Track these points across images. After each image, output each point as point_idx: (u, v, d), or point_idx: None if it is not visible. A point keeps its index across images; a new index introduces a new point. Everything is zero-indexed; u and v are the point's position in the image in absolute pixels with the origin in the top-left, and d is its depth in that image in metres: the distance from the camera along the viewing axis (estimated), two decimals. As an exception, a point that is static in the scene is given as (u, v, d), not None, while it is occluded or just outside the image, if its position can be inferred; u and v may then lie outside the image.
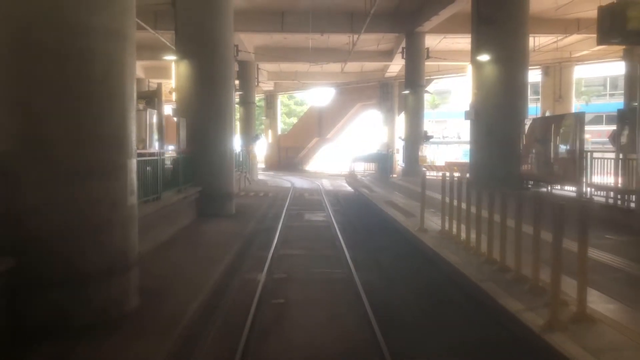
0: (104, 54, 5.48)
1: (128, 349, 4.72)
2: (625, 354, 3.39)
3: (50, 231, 5.09)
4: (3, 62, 5.11)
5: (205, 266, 7.75)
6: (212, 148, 13.35)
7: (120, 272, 5.64)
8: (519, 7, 14.45)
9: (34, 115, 5.13)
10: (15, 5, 5.10)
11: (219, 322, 5.81)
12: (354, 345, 5.00)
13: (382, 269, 8.04)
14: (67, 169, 5.19)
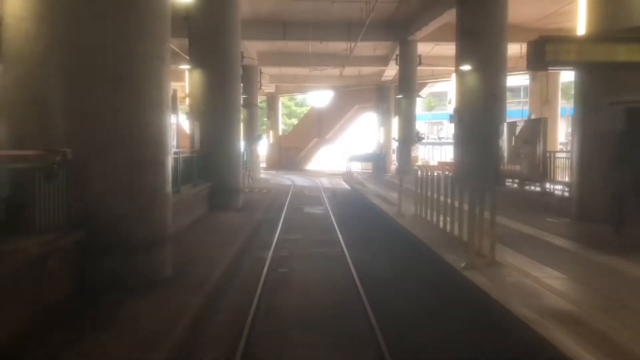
0: (148, 73, 7.04)
1: (168, 301, 6.25)
2: (509, 279, 5.19)
3: (110, 211, 6.64)
4: (74, 82, 6.66)
5: (222, 247, 9.32)
6: (221, 148, 14.93)
7: (159, 245, 7.19)
8: (498, 22, 16.01)
9: (96, 122, 6.67)
10: (83, 37, 6.64)
11: (237, 284, 7.40)
12: (342, 297, 6.61)
13: (367, 246, 9.74)
14: (122, 164, 6.74)
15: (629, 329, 3.69)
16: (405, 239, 8.61)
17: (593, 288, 4.77)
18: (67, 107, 6.54)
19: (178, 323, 5.39)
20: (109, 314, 5.65)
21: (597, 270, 5.71)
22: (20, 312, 5.09)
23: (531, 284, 4.84)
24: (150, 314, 5.68)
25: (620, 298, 4.62)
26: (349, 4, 20.43)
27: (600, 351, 3.16)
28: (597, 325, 3.71)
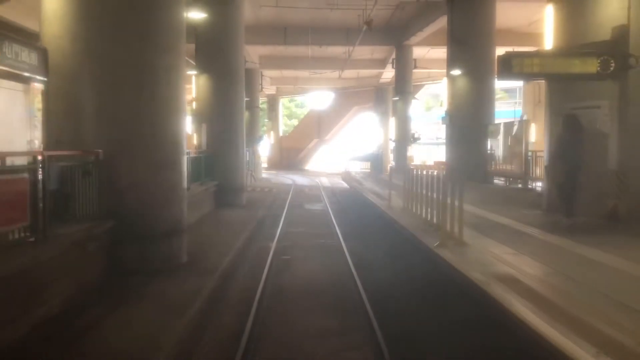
0: (166, 83, 8.04)
1: (186, 282, 7.23)
2: (470, 255, 6.27)
3: (136, 203, 7.63)
4: (103, 92, 7.66)
5: (230, 238, 10.32)
6: (226, 148, 15.94)
7: (177, 234, 8.20)
8: (486, 29, 17.03)
9: (122, 126, 7.67)
10: (111, 53, 7.64)
11: (246, 268, 8.42)
12: (338, 278, 7.64)
13: (361, 235, 10.84)
14: (145, 163, 7.74)
15: (549, 284, 4.85)
16: (393, 227, 9.71)
17: (534, 259, 5.93)
18: (97, 114, 7.53)
19: (197, 297, 6.40)
20: (138, 290, 6.63)
21: (543, 247, 6.95)
22: (68, 285, 6.10)
23: (487, 258, 5.92)
24: (173, 291, 6.68)
25: (553, 265, 5.87)
26: (347, 11, 21.44)
27: (524, 298, 4.21)
28: (528, 282, 4.80)
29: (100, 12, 7.38)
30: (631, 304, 4.22)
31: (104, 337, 5.05)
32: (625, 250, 5.95)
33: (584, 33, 8.03)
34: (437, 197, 7.50)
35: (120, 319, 5.59)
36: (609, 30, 7.47)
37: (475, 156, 16.51)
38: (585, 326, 3.71)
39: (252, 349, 4.99)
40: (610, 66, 7.25)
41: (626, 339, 3.44)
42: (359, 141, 48.01)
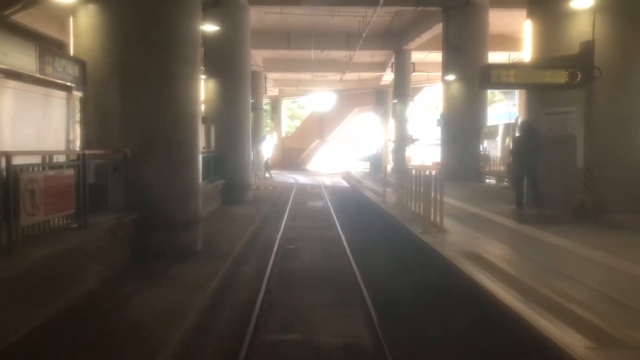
0: (184, 90, 9.03)
1: (203, 266, 8.18)
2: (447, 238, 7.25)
3: (158, 197, 8.61)
4: (129, 99, 8.64)
5: (239, 231, 11.31)
6: (233, 148, 16.94)
7: (193, 225, 9.18)
8: (479, 37, 17.99)
9: (147, 129, 8.65)
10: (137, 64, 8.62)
11: (254, 255, 9.41)
12: (337, 264, 8.64)
13: (358, 227, 11.92)
14: (167, 160, 8.72)
15: (505, 260, 6.05)
16: (386, 219, 10.75)
17: (500, 242, 7.09)
18: (124, 117, 8.53)
19: (214, 277, 7.39)
20: (161, 272, 7.61)
21: (510, 234, 8.02)
22: (102, 266, 7.10)
23: (460, 241, 7.00)
24: (192, 273, 7.66)
25: (513, 247, 7.00)
26: (347, 17, 22.43)
27: (485, 270, 5.25)
28: (488, 258, 5.84)
29: (127, 27, 8.37)
30: (568, 273, 5.25)
31: (137, 308, 6.02)
32: (580, 236, 6.94)
33: (557, 47, 8.99)
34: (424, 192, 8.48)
35: (148, 294, 6.57)
36: (578, 45, 8.44)
37: (468, 157, 17.48)
38: (525, 287, 4.77)
39: (264, 314, 5.99)
40: (577, 77, 8.22)
41: (552, 295, 4.46)
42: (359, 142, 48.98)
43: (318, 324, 5.71)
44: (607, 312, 4.05)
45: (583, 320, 3.85)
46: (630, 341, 3.39)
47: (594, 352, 3.15)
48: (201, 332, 5.49)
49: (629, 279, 5.14)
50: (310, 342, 5.22)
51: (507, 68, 8.77)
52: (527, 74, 8.72)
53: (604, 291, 4.66)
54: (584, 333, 3.54)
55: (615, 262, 5.63)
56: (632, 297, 4.43)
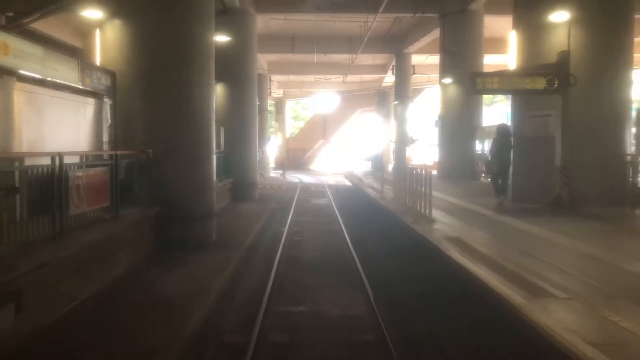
0: (200, 96, 9.98)
1: (219, 254, 9.11)
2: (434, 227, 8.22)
3: (178, 192, 9.55)
4: (150, 104, 9.56)
5: (248, 225, 12.26)
6: (241, 149, 17.90)
7: (209, 218, 10.13)
8: (474, 41, 18.91)
9: (166, 131, 9.59)
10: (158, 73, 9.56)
11: (264, 246, 10.37)
12: (338, 253, 9.58)
13: (358, 222, 12.88)
14: (184, 160, 9.66)
15: (481, 243, 7.03)
16: (383, 212, 11.79)
17: (479, 229, 8.09)
18: (146, 122, 9.47)
19: (230, 263, 8.34)
20: (182, 259, 8.54)
21: (490, 223, 9.00)
22: (130, 254, 8.05)
23: (445, 228, 8.01)
24: (210, 259, 8.61)
25: (490, 233, 8.00)
26: (349, 23, 23.37)
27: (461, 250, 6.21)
28: (467, 241, 6.81)
29: (149, 40, 9.33)
30: (529, 251, 6.27)
31: (165, 287, 6.97)
32: (551, 225, 7.89)
33: (538, 55, 9.90)
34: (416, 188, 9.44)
35: (174, 276, 7.52)
36: (556, 54, 9.33)
37: (463, 156, 18.39)
38: (491, 261, 5.77)
39: (275, 291, 6.95)
40: (555, 84, 9.11)
41: (510, 265, 5.47)
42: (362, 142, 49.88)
43: (322, 299, 6.66)
44: (548, 276, 5.15)
45: (527, 281, 5.00)
46: (557, 294, 4.39)
47: (528, 300, 4.15)
48: (223, 305, 6.45)
49: (575, 255, 6.17)
50: (315, 312, 6.17)
51: (491, 76, 9.72)
52: (509, 81, 9.65)
53: (552, 263, 5.78)
54: (525, 289, 4.68)
55: (571, 244, 6.63)
56: (572, 266, 5.54)
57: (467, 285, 5.30)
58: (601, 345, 3.42)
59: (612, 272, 5.36)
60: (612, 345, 3.44)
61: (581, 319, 4.00)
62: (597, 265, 5.69)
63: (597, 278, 5.06)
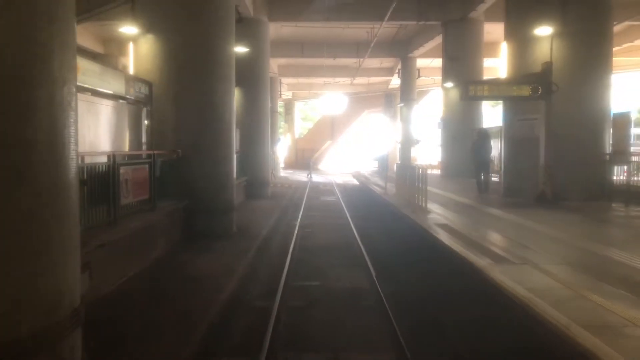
0: (222, 102, 11.18)
1: (239, 243, 10.30)
2: (429, 216, 9.46)
3: (203, 188, 10.74)
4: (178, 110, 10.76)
5: (264, 219, 13.46)
6: (255, 149, 19.12)
7: (229, 211, 11.34)
8: (474, 47, 20.00)
9: (193, 133, 10.80)
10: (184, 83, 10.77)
11: (280, 236, 11.57)
12: (346, 242, 10.77)
13: (363, 215, 14.11)
14: (210, 159, 10.86)
15: (466, 227, 8.24)
16: (385, 205, 13.02)
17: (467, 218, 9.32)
18: (175, 125, 10.68)
19: (250, 250, 9.53)
20: (208, 246, 9.72)
21: (478, 213, 10.22)
22: (165, 241, 9.27)
23: (437, 217, 9.22)
24: (232, 247, 9.80)
25: (476, 220, 9.24)
26: (357, 30, 24.53)
27: (447, 233, 7.37)
28: (454, 227, 8.02)
29: (179, 53, 10.54)
30: (505, 234, 7.47)
31: (197, 267, 8.17)
32: (531, 215, 9.04)
33: (525, 65, 11.02)
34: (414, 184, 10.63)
35: (203, 259, 8.72)
36: (540, 65, 10.44)
37: (464, 156, 19.46)
38: (471, 240, 6.98)
39: (292, 270, 8.15)
40: (539, 91, 10.22)
41: (485, 243, 6.66)
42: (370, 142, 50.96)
43: (331, 276, 7.87)
44: (514, 251, 6.42)
45: (493, 252, 6.26)
46: (515, 261, 5.56)
47: (490, 265, 5.30)
48: (248, 281, 7.65)
49: (541, 237, 7.39)
50: (326, 286, 7.36)
51: (482, 84, 10.85)
52: (498, 88, 10.79)
53: (520, 242, 7.02)
54: (490, 258, 5.93)
55: (541, 229, 7.84)
56: (535, 244, 6.76)
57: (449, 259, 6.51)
58: (537, 291, 4.62)
59: (565, 248, 6.53)
60: (543, 291, 4.64)
61: (526, 276, 5.23)
62: (556, 243, 6.87)
63: (551, 252, 6.27)
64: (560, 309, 3.96)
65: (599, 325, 3.67)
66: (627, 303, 4.25)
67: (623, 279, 5.02)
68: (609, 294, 4.51)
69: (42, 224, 3.54)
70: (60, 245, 3.71)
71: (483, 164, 11.98)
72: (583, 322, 3.72)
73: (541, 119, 10.73)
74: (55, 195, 3.63)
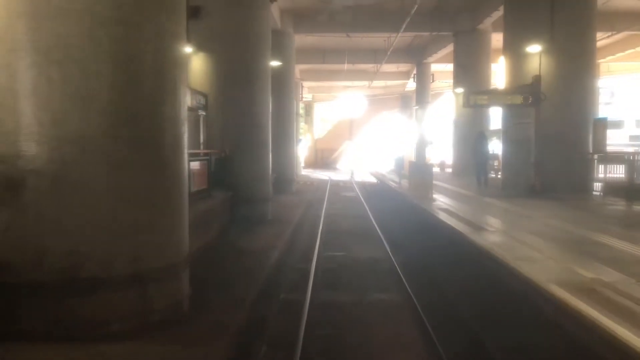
0: (260, 109, 13.23)
1: (276, 227, 12.33)
2: (434, 204, 11.42)
3: (244, 181, 12.80)
4: (225, 116, 12.86)
5: (293, 209, 15.53)
6: (281, 149, 21.18)
7: (266, 201, 13.42)
8: (483, 55, 21.80)
9: (237, 135, 12.87)
10: (232, 93, 12.86)
11: (308, 223, 13.63)
12: (364, 225, 12.78)
13: (380, 206, 16.14)
14: (252, 156, 12.94)
15: (463, 211, 10.05)
16: (399, 196, 14.96)
17: (466, 205, 11.18)
18: (223, 129, 12.80)
19: (285, 232, 11.59)
20: (250, 229, 11.78)
21: (477, 202, 12.09)
22: (217, 224, 11.36)
23: (441, 204, 11.14)
24: (270, 230, 11.86)
25: (474, 207, 11.08)
26: (375, 38, 26.47)
27: (447, 214, 9.33)
28: (453, 210, 9.90)
29: (224, 68, 12.65)
30: (492, 215, 9.32)
31: (246, 244, 10.23)
32: (519, 203, 10.91)
33: (519, 77, 12.88)
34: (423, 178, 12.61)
35: (250, 238, 10.79)
36: (531, 77, 12.31)
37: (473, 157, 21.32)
38: (463, 219, 8.91)
39: (322, 245, 10.21)
40: (529, 100, 12.08)
41: (475, 221, 8.63)
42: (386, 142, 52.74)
43: (354, 249, 9.92)
44: (493, 224, 8.33)
45: (477, 225, 8.28)
46: (491, 229, 7.55)
47: (471, 232, 7.29)
48: (288, 253, 9.71)
49: (518, 216, 9.31)
50: (350, 256, 9.40)
51: (481, 93, 12.75)
52: (495, 97, 12.69)
53: (501, 219, 8.99)
54: (473, 228, 7.90)
55: (521, 211, 9.80)
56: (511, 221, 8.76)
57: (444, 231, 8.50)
58: (497, 244, 6.63)
59: (535, 223, 8.37)
60: (500, 244, 6.61)
61: (493, 237, 7.25)
62: (528, 220, 8.75)
63: (521, 226, 8.16)
64: (509, 256, 5.90)
65: (525, 259, 5.68)
66: (553, 250, 6.21)
67: (560, 239, 6.96)
68: (544, 246, 6.47)
69: (175, 197, 5.64)
70: (182, 211, 5.81)
71: (481, 162, 13.82)
72: (519, 257, 5.74)
73: (532, 123, 12.58)
74: (178, 179, 5.71)
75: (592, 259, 5.70)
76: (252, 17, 12.90)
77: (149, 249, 5.25)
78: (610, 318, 3.74)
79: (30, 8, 4.86)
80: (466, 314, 5.99)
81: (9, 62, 4.85)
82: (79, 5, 4.86)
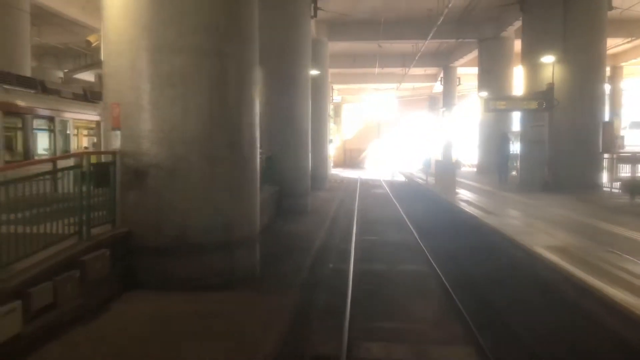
0: (301, 115, 14.98)
1: (315, 217, 14.03)
2: (456, 197, 12.82)
3: (287, 178, 14.54)
4: (272, 122, 14.64)
5: (329, 203, 17.22)
6: (316, 149, 22.84)
7: (306, 195, 15.15)
8: (506, 62, 23.12)
9: (283, 138, 14.61)
10: (275, 101, 14.62)
11: (344, 214, 15.33)
12: (395, 216, 14.39)
13: (408, 198, 17.80)
14: (292, 157, 14.68)
15: (480, 202, 11.52)
16: (425, 191, 16.58)
17: (485, 197, 12.61)
18: (270, 132, 14.56)
19: (325, 221, 13.29)
20: (294, 219, 13.51)
21: (494, 195, 13.78)
22: (267, 213, 13.13)
23: (462, 196, 12.61)
24: (311, 219, 13.58)
25: (491, 199, 12.48)
26: (404, 45, 27.97)
27: (467, 204, 10.90)
28: (473, 201, 11.43)
29: (273, 79, 14.42)
30: (504, 204, 10.81)
31: (293, 230, 11.98)
32: (532, 197, 12.39)
33: (535, 84, 14.31)
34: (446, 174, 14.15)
35: (295, 226, 12.52)
36: (545, 84, 13.72)
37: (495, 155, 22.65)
38: (480, 207, 10.43)
39: (358, 233, 11.90)
40: (543, 105, 13.49)
41: (489, 208, 10.11)
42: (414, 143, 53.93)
43: (386, 235, 11.60)
44: (503, 211, 9.85)
45: (490, 211, 9.80)
46: (500, 214, 9.09)
47: (483, 215, 8.84)
48: (330, 237, 11.41)
49: (527, 205, 10.85)
50: (383, 240, 11.09)
51: (500, 99, 14.23)
52: (513, 103, 14.15)
53: (512, 207, 10.49)
54: (486, 213, 9.45)
55: (531, 202, 11.37)
56: (520, 209, 10.27)
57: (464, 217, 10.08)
58: (504, 225, 8.19)
59: (539, 210, 9.88)
60: (506, 225, 8.19)
61: (501, 219, 8.92)
62: (534, 209, 10.26)
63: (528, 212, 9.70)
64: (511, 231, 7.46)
65: (523, 233, 7.27)
66: (549, 228, 7.74)
67: (557, 221, 8.48)
68: (542, 225, 8.03)
69: (252, 186, 7.42)
70: (256, 197, 7.58)
71: (504, 161, 15.30)
72: (519, 232, 7.34)
73: (546, 126, 13.99)
74: (254, 172, 7.48)
75: (576, 233, 7.24)
76: (296, 34, 14.67)
77: (235, 224, 7.02)
78: (574, 266, 5.32)
79: (151, 44, 6.68)
80: (477, 276, 7.61)
81: (137, 85, 6.68)
82: (188, 42, 6.66)
